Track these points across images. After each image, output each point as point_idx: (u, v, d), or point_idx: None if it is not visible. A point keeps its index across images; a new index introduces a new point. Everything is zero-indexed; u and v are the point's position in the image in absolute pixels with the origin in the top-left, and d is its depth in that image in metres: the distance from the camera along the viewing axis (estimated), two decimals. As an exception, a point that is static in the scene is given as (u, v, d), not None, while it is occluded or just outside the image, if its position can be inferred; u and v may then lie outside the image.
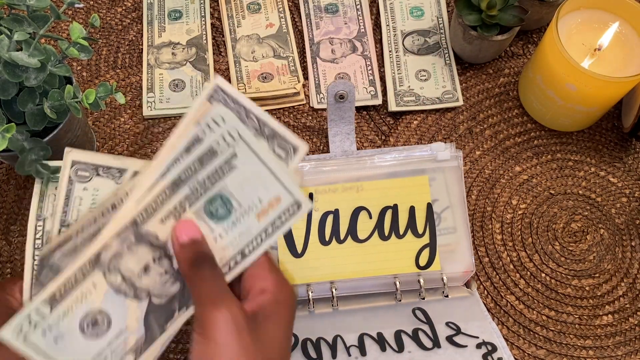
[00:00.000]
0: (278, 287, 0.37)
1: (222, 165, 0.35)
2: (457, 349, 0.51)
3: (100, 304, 0.36)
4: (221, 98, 0.35)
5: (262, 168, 0.35)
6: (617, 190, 0.60)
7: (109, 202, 0.38)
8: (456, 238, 0.53)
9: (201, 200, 0.36)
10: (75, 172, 0.41)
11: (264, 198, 0.36)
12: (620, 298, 0.56)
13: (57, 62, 0.47)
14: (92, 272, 0.36)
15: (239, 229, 0.36)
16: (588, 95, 0.55)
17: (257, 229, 0.36)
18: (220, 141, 0.35)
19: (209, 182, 0.36)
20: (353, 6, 0.67)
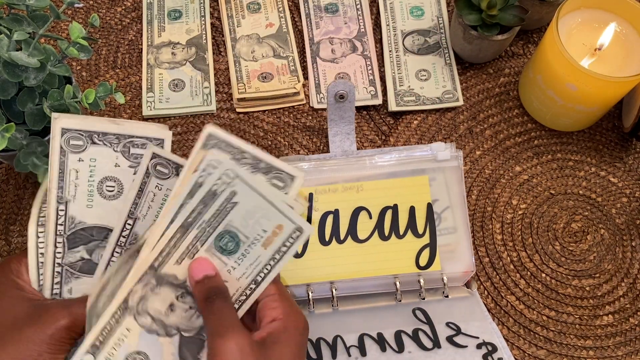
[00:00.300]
0: (287, 315, 0.39)
1: (223, 204, 0.37)
2: (457, 349, 0.50)
3: (136, 346, 0.38)
4: (214, 144, 0.38)
5: (261, 200, 0.37)
6: (618, 190, 0.60)
7: (134, 248, 0.39)
8: (456, 238, 0.53)
9: (210, 238, 0.38)
10: (67, 141, 0.39)
11: (267, 228, 0.38)
12: (621, 298, 0.56)
13: (56, 62, 0.47)
14: (124, 317, 0.37)
15: (249, 260, 0.39)
16: (588, 95, 0.55)
17: (266, 257, 0.39)
18: (218, 183, 0.37)
19: (214, 220, 0.38)
20: (353, 6, 0.67)
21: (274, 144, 0.61)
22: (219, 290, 0.39)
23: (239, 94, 0.62)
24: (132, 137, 0.40)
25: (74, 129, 0.39)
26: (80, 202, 0.41)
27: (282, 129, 0.62)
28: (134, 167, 0.41)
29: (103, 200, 0.41)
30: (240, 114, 0.62)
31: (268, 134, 0.61)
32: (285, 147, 0.61)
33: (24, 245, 0.56)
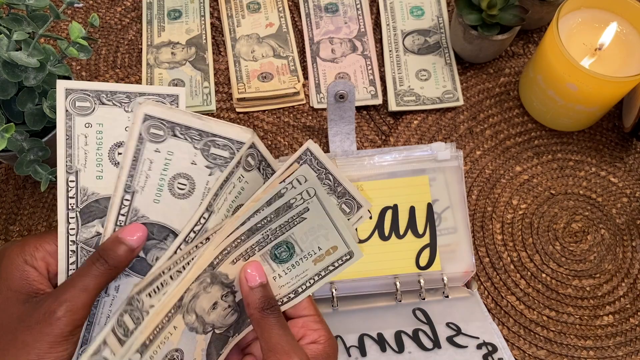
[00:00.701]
0: (328, 339, 0.40)
1: (294, 217, 0.38)
2: (457, 349, 0.50)
3: (177, 344, 0.37)
4: (308, 160, 0.39)
5: (327, 221, 0.39)
6: (618, 190, 0.60)
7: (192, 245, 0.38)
8: (456, 238, 0.53)
9: (269, 245, 0.39)
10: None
11: (324, 246, 0.40)
12: (621, 298, 0.56)
13: (56, 62, 0.47)
14: (175, 315, 0.37)
15: (296, 271, 0.40)
16: (588, 95, 0.55)
17: (312, 272, 0.40)
18: (297, 197, 0.38)
19: (280, 230, 0.39)
20: (353, 6, 0.67)
21: (274, 144, 0.61)
22: (274, 302, 0.40)
23: (238, 94, 0.61)
24: (215, 137, 0.38)
25: (157, 117, 0.36)
26: (147, 195, 0.38)
27: (282, 129, 0.61)
28: (211, 168, 0.39)
29: (171, 198, 0.38)
30: (240, 114, 0.62)
31: (268, 134, 0.61)
32: (285, 147, 0.61)
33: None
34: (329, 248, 0.40)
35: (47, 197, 0.58)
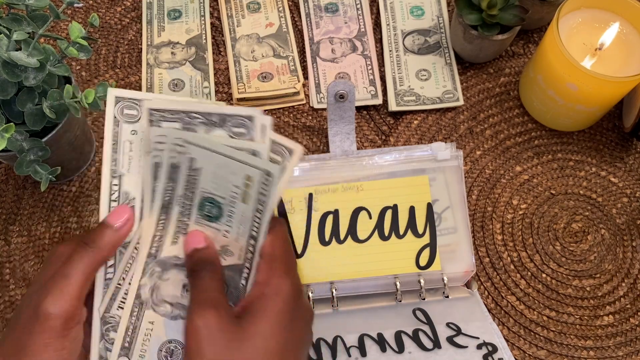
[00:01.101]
0: (266, 279, 0.35)
1: (189, 174, 0.37)
2: (457, 349, 0.50)
3: (165, 335, 0.37)
4: (158, 117, 0.37)
5: (220, 158, 0.36)
6: (618, 190, 0.59)
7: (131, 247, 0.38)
8: (457, 238, 0.53)
9: (194, 210, 0.37)
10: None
11: (238, 182, 0.36)
12: (621, 298, 0.55)
13: (56, 62, 0.47)
14: (142, 312, 0.37)
15: (236, 219, 0.37)
16: (589, 95, 0.55)
17: (250, 211, 0.37)
18: (174, 155, 0.36)
19: (188, 192, 0.37)
20: (353, 5, 0.67)
21: (274, 144, 0.61)
22: (206, 261, 0.36)
23: (238, 94, 0.61)
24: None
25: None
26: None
27: (282, 129, 0.61)
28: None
29: None
30: (240, 114, 0.62)
31: (268, 134, 0.61)
32: (285, 147, 0.61)
33: (23, 245, 0.56)
34: (245, 181, 0.36)
35: (47, 197, 0.58)
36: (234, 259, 0.38)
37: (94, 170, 0.59)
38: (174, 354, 0.37)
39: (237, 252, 0.38)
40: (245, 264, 0.38)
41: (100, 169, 0.60)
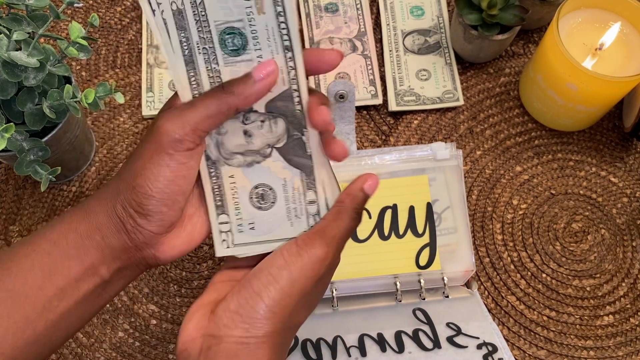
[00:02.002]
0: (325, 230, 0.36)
1: (194, 12, 0.33)
2: (457, 349, 0.50)
3: (250, 182, 0.37)
4: None
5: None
6: (618, 190, 0.59)
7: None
8: (456, 238, 0.53)
9: (218, 51, 0.34)
10: None
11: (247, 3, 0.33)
12: (621, 298, 0.55)
13: (56, 62, 0.47)
14: (219, 170, 0.36)
15: (263, 35, 0.34)
16: (589, 95, 0.55)
17: (272, 19, 0.34)
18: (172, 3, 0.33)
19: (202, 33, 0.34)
20: (353, 5, 0.67)
21: (274, 144, 0.61)
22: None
23: (238, 94, 0.61)
24: None
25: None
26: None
27: (282, 129, 0.61)
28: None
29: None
30: (240, 114, 0.62)
31: (268, 134, 0.61)
32: (285, 147, 0.61)
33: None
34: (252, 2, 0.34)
35: (47, 197, 0.58)
36: (279, 85, 0.35)
37: (94, 170, 0.59)
38: (264, 197, 0.38)
39: (279, 76, 0.35)
40: (292, 86, 0.35)
41: (100, 169, 0.60)
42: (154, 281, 0.55)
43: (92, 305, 0.36)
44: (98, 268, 0.35)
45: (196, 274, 0.56)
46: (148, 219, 0.35)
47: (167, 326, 0.54)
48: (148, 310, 0.55)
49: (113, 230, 0.35)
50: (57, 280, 0.34)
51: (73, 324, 0.36)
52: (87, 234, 0.35)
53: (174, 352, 0.53)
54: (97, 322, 0.54)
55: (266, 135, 0.36)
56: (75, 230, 0.35)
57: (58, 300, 0.34)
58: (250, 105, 0.35)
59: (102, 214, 0.35)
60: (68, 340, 0.42)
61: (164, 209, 0.35)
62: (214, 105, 0.34)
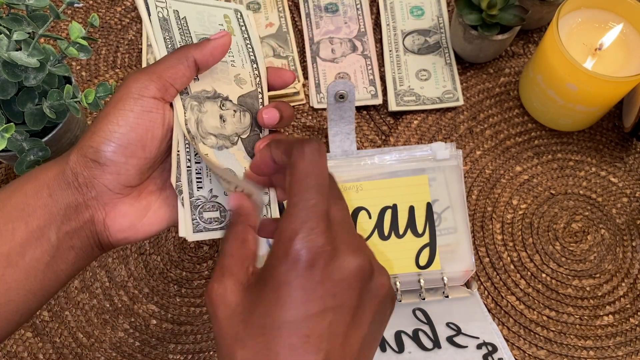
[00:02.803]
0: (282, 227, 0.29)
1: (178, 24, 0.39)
2: (457, 349, 0.50)
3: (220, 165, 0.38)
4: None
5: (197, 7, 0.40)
6: (618, 190, 0.59)
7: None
8: (456, 238, 0.53)
9: None
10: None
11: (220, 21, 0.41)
12: (621, 298, 0.55)
13: (56, 62, 0.47)
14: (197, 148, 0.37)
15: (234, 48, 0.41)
16: (589, 95, 0.55)
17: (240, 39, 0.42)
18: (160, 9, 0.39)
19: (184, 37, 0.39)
20: (353, 5, 0.67)
21: (274, 144, 0.61)
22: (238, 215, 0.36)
23: (238, 94, 0.61)
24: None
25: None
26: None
27: (282, 129, 0.61)
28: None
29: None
30: (240, 114, 0.62)
31: (268, 134, 0.61)
32: (285, 147, 0.61)
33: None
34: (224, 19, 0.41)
35: (47, 197, 0.58)
36: (248, 86, 0.41)
37: (94, 170, 0.59)
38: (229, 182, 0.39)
39: (248, 79, 0.41)
40: (257, 89, 0.41)
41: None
42: (154, 281, 0.55)
43: (43, 277, 0.33)
44: (45, 230, 0.33)
45: (196, 274, 0.56)
46: (103, 168, 0.33)
47: (167, 326, 0.54)
48: (148, 310, 0.55)
49: (63, 185, 0.33)
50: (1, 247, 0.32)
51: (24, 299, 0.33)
52: (33, 192, 0.33)
53: (174, 352, 0.53)
54: (97, 322, 0.54)
55: (236, 124, 0.40)
56: (20, 191, 0.33)
57: (4, 270, 0.32)
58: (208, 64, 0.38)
59: (53, 169, 0.33)
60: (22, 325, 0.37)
61: (122, 159, 0.34)
62: (175, 57, 0.36)
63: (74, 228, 0.34)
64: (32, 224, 0.32)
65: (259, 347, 0.27)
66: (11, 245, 0.32)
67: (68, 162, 0.33)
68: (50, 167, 0.34)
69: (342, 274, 0.28)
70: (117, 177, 0.34)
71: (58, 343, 0.53)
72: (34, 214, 0.33)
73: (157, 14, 0.38)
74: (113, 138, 0.33)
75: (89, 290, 0.55)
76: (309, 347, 0.27)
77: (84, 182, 0.33)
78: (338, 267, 0.28)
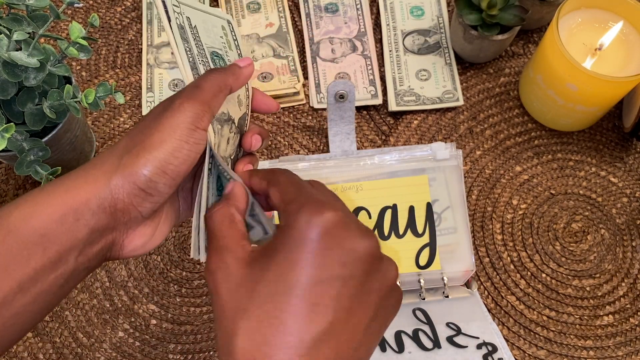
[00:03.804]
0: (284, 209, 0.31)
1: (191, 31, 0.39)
2: (457, 349, 0.50)
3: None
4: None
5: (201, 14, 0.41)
6: (618, 190, 0.60)
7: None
8: (456, 238, 0.53)
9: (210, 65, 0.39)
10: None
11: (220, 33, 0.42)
12: (621, 298, 0.56)
13: (56, 62, 0.47)
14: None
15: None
16: (589, 95, 0.55)
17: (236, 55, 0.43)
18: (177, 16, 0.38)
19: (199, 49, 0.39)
20: (353, 5, 0.67)
21: (274, 144, 0.61)
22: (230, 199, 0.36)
23: (239, 94, 0.61)
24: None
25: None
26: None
27: (282, 129, 0.61)
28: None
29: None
30: (240, 114, 0.62)
31: (268, 134, 0.61)
32: (285, 147, 0.61)
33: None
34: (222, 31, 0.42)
35: (47, 197, 0.58)
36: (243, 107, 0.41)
37: (94, 170, 0.59)
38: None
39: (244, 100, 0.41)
40: (247, 111, 0.41)
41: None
42: (154, 281, 0.56)
43: (55, 298, 0.32)
44: (64, 255, 0.31)
45: (196, 274, 0.56)
46: (147, 197, 0.32)
47: (167, 326, 0.54)
48: (148, 310, 0.55)
49: (95, 209, 0.31)
50: (13, 274, 0.30)
51: (31, 319, 0.32)
52: (58, 217, 0.30)
53: (174, 352, 0.53)
54: (98, 322, 0.54)
55: (232, 146, 0.40)
56: (42, 213, 0.30)
57: (13, 295, 0.30)
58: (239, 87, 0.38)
59: (84, 191, 0.31)
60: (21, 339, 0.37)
61: (168, 189, 0.32)
62: (217, 85, 0.35)
63: (95, 252, 0.32)
64: (51, 249, 0.30)
65: (264, 316, 0.27)
66: (25, 271, 0.30)
67: (108, 185, 0.31)
68: (80, 187, 0.31)
69: (353, 244, 0.29)
70: (155, 204, 0.33)
71: (58, 343, 0.53)
72: (56, 240, 0.30)
73: (175, 20, 0.38)
74: (168, 170, 0.32)
75: (89, 290, 0.55)
76: (314, 317, 0.27)
77: (121, 208, 0.32)
78: (349, 238, 0.29)
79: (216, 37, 0.41)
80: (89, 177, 0.32)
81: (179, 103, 0.33)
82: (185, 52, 0.37)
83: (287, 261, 0.28)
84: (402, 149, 0.55)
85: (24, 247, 0.30)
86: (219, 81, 0.35)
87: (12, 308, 0.30)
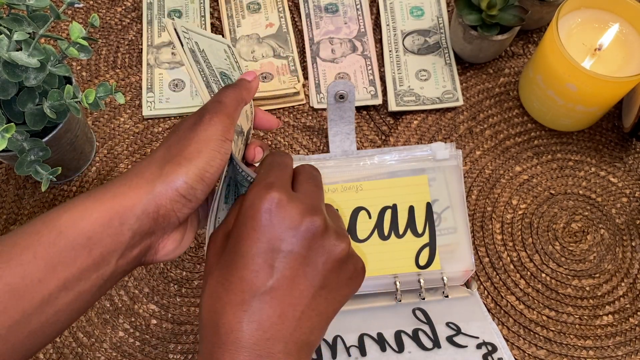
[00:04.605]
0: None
1: (200, 55, 0.41)
2: (457, 349, 0.51)
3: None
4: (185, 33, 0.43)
5: (209, 40, 0.44)
6: (618, 190, 0.60)
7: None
8: (456, 238, 0.53)
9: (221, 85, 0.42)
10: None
11: (224, 55, 0.46)
12: (621, 298, 0.56)
13: (56, 62, 0.47)
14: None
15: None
16: (588, 95, 0.55)
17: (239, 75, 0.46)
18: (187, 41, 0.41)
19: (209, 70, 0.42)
20: (353, 6, 0.67)
21: (274, 144, 0.61)
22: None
23: (239, 94, 0.61)
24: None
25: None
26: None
27: (282, 129, 0.62)
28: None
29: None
30: (240, 114, 0.62)
31: (268, 134, 0.61)
32: (285, 147, 0.61)
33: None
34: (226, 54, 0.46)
35: (47, 197, 0.58)
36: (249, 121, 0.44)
37: (94, 170, 0.59)
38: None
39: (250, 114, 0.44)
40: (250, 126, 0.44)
41: (100, 169, 0.60)
42: (155, 281, 0.56)
43: (93, 298, 0.34)
44: (106, 256, 0.33)
45: (196, 274, 0.56)
46: (187, 204, 0.35)
47: (168, 326, 0.54)
48: (148, 310, 0.55)
49: (139, 214, 0.33)
50: (60, 273, 0.32)
51: (70, 317, 0.34)
52: (104, 221, 0.33)
53: (174, 352, 0.53)
54: (98, 321, 0.54)
55: (240, 156, 0.41)
56: (89, 217, 0.33)
57: (58, 293, 0.32)
58: (250, 99, 0.41)
59: (129, 197, 0.33)
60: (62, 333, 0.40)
61: (202, 196, 0.35)
62: (235, 99, 0.38)
63: (134, 255, 0.34)
64: (95, 251, 0.33)
65: (220, 278, 0.33)
66: (71, 271, 0.32)
67: (152, 192, 0.34)
68: (126, 194, 0.34)
69: (293, 222, 0.33)
70: (191, 210, 0.36)
71: (58, 343, 0.53)
72: (101, 242, 0.33)
73: (187, 44, 0.40)
74: (205, 177, 0.35)
75: (89, 290, 0.55)
76: (256, 281, 0.32)
77: (164, 213, 0.34)
78: (291, 217, 0.33)
79: (221, 59, 0.44)
80: (133, 185, 0.34)
81: (209, 118, 0.36)
82: (199, 72, 0.40)
83: (237, 235, 0.34)
84: (402, 149, 0.55)
85: (71, 248, 0.32)
86: (236, 95, 0.38)
87: (55, 305, 0.33)
